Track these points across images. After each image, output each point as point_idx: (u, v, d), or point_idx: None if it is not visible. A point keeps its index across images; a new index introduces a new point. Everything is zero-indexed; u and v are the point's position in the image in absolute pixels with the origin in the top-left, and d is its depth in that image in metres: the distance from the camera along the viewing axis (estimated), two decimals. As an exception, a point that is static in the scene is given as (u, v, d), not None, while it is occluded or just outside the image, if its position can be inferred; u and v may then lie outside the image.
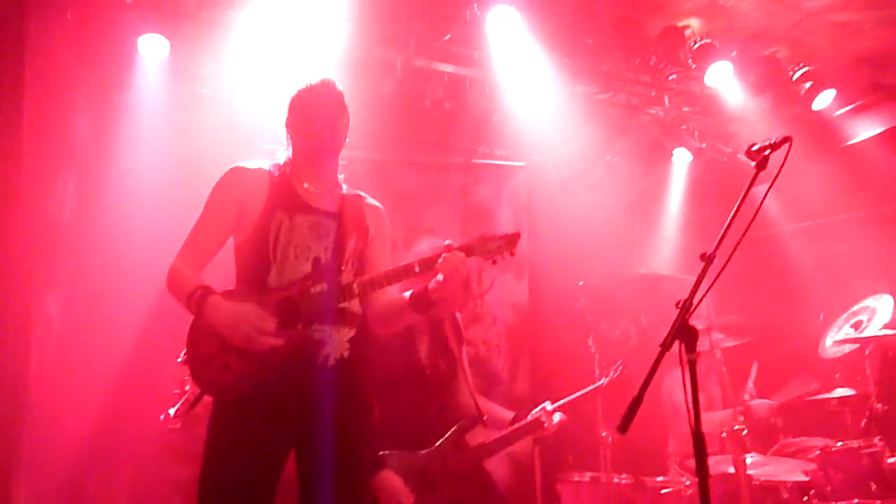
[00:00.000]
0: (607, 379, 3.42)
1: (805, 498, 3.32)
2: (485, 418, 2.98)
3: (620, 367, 3.40)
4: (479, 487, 2.78)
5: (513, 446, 3.08)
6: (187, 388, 3.22)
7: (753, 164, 2.16)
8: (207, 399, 2.20)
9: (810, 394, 4.02)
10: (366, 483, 2.25)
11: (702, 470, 1.88)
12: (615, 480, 3.56)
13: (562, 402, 3.15)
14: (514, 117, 4.42)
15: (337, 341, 2.18)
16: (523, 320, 4.51)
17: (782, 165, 2.05)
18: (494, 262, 2.26)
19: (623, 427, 1.83)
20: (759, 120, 4.84)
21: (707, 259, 2.00)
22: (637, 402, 1.85)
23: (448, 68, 4.24)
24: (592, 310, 3.79)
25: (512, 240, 2.24)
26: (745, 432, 3.12)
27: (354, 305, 2.25)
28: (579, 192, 4.84)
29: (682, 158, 5.06)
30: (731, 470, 3.11)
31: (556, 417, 3.05)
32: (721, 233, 2.04)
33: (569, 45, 4.31)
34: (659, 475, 3.81)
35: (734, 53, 4.54)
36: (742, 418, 3.29)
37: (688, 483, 3.47)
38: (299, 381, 2.12)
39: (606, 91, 4.78)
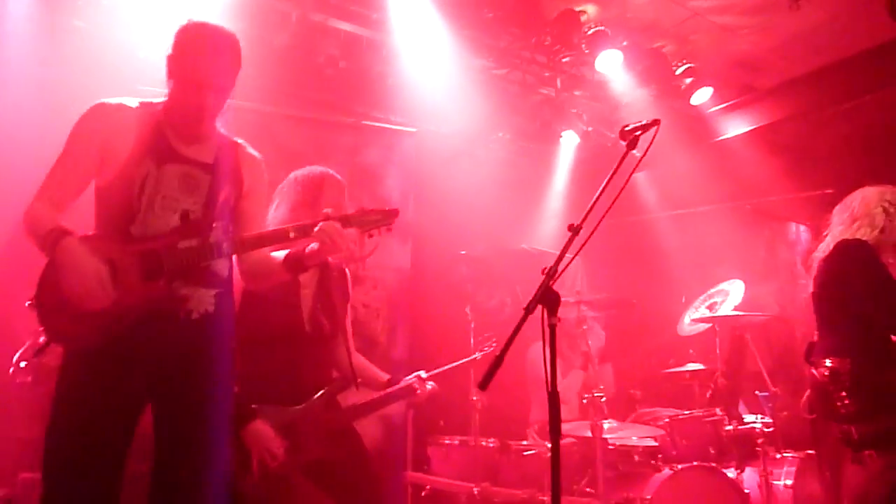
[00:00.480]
0: (481, 353, 3.53)
1: (653, 461, 3.59)
2: (359, 380, 3.00)
3: (494, 343, 3.51)
4: (348, 447, 2.80)
5: (385, 409, 3.12)
6: (42, 338, 3.02)
7: (625, 143, 2.30)
8: (60, 350, 2.09)
9: (666, 367, 4.33)
10: (225, 437, 2.21)
11: (555, 428, 2.00)
12: (482, 444, 3.69)
13: (435, 371, 3.21)
14: (409, 83, 4.41)
15: (200, 298, 2.11)
16: (404, 285, 4.56)
17: (649, 146, 2.19)
18: (371, 236, 2.28)
19: (483, 384, 1.91)
20: (643, 109, 5.08)
21: (574, 230, 2.11)
22: (498, 360, 1.93)
23: (345, 26, 4.15)
24: (472, 279, 3.89)
25: (391, 215, 2.26)
26: (603, 399, 3.33)
27: (220, 266, 2.17)
28: (469, 164, 4.92)
29: (569, 140, 5.24)
30: (589, 434, 3.31)
31: (429, 386, 3.11)
32: (588, 206, 2.15)
33: (469, 17, 4.33)
34: (524, 440, 4.00)
35: (625, 43, 4.73)
36: (602, 386, 3.51)
37: (549, 446, 3.65)
38: (158, 334, 2.05)
39: (503, 67, 4.86)
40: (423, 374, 3.13)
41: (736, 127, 5.32)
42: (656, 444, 3.64)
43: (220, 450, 2.15)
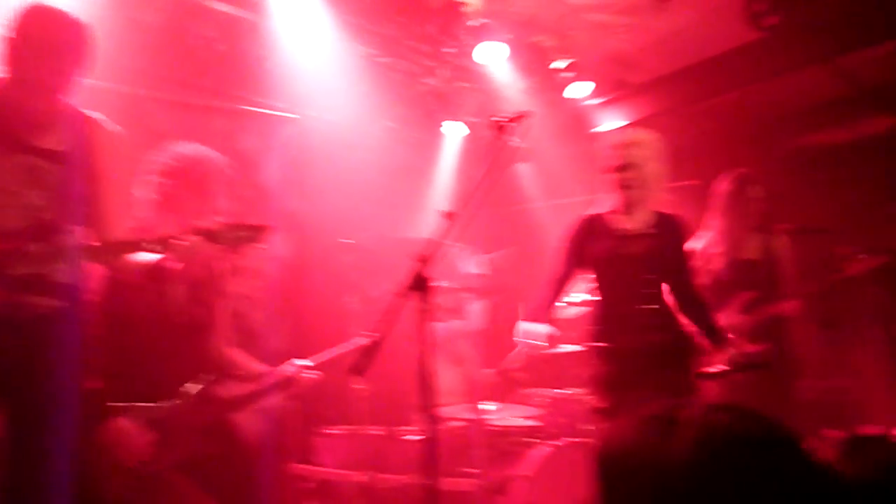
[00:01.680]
0: (365, 340, 3.51)
1: (533, 439, 3.73)
2: (234, 373, 2.94)
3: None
4: (224, 441, 2.72)
5: (268, 401, 3.06)
6: None
7: (497, 134, 2.36)
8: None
9: (547, 349, 4.49)
10: (73, 436, 2.09)
11: (430, 412, 2.04)
12: (369, 432, 3.70)
13: (317, 358, 3.18)
14: (291, 68, 4.29)
15: (48, 297, 1.99)
16: (286, 275, 4.43)
17: (522, 137, 2.26)
18: (238, 253, 2.22)
19: (357, 370, 1.92)
20: (526, 101, 5.23)
21: (448, 217, 2.15)
22: (373, 347, 1.94)
23: (222, 7, 3.99)
24: (357, 268, 3.87)
25: (260, 231, 2.17)
26: (487, 381, 3.43)
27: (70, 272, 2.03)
28: (355, 152, 4.86)
29: (453, 130, 5.31)
30: (470, 416, 3.39)
31: (309, 374, 3.07)
32: (464, 195, 2.20)
33: (352, 4, 4.29)
34: (411, 426, 4.04)
35: (507, 36, 4.85)
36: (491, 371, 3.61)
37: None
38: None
39: (387, 55, 4.85)
40: (302, 362, 3.09)
41: (611, 121, 5.59)
42: (537, 423, 3.78)
43: (64, 449, 2.01)
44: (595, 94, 5.41)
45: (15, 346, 1.92)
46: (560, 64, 5.13)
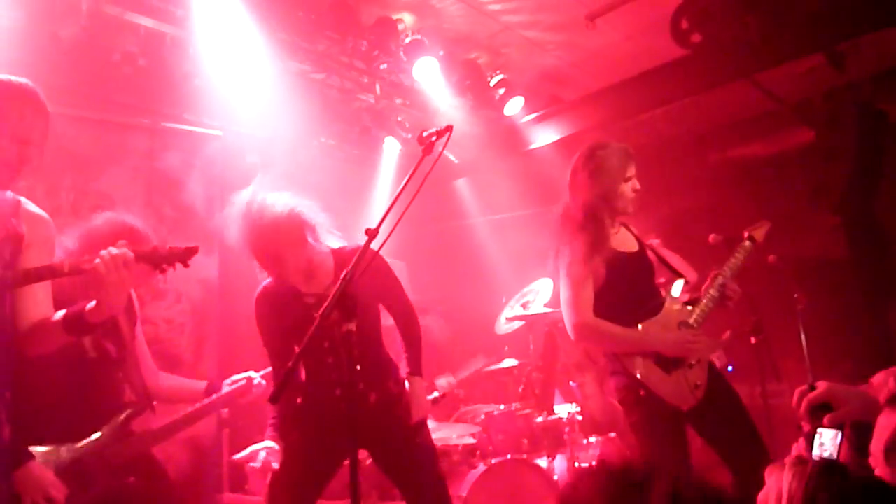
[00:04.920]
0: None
1: (472, 458, 3.70)
2: (166, 400, 2.82)
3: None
4: (146, 476, 2.59)
5: (194, 432, 2.93)
6: None
7: (421, 148, 2.35)
8: None
9: (486, 366, 4.49)
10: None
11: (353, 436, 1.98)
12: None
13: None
14: (220, 86, 4.19)
15: None
16: (211, 297, 4.29)
17: (442, 151, 2.26)
18: (163, 272, 2.11)
19: (273, 398, 1.86)
20: (461, 118, 5.24)
21: (370, 234, 2.12)
22: (290, 372, 1.89)
23: (145, 21, 3.87)
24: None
25: (188, 253, 2.09)
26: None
27: None
28: (289, 169, 4.76)
29: (391, 147, 5.29)
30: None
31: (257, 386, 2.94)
32: (385, 210, 2.18)
33: (282, 19, 4.22)
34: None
35: (441, 53, 4.86)
36: (437, 394, 3.60)
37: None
38: None
39: (320, 72, 4.80)
40: (233, 378, 2.95)
41: (544, 137, 5.65)
42: (474, 440, 3.75)
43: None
44: (528, 110, 5.46)
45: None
46: (494, 80, 5.17)
